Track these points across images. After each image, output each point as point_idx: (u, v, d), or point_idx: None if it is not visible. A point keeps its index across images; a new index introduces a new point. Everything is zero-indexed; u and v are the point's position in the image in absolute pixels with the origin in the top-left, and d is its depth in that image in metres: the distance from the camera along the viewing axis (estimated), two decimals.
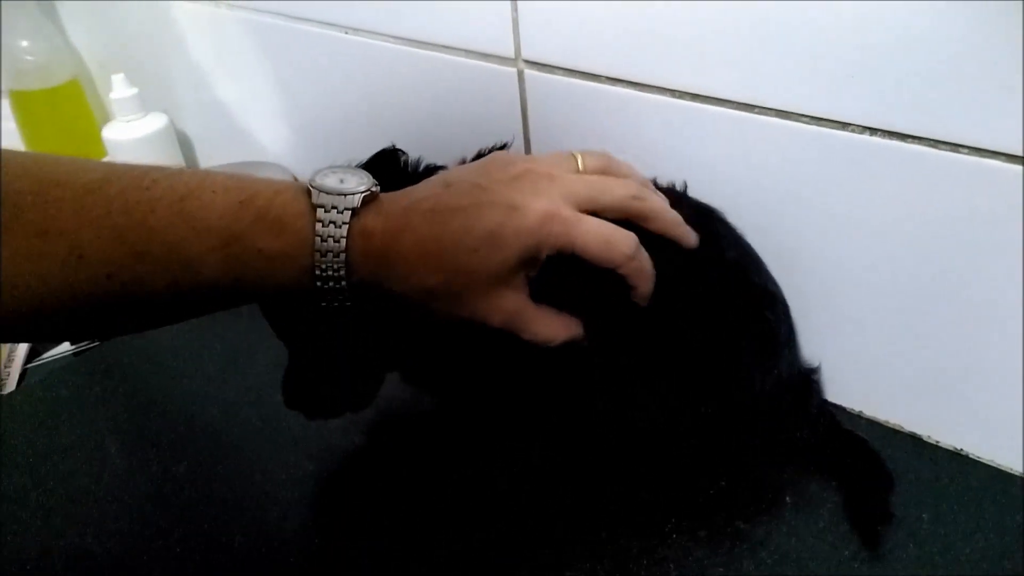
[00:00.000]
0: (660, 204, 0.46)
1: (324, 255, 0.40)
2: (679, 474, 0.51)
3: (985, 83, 0.42)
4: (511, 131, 0.63)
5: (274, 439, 0.59)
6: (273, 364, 0.67)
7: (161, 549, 0.51)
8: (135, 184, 0.41)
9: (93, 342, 0.77)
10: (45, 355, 0.76)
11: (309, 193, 0.41)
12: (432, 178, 0.45)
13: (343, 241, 0.40)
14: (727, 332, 0.47)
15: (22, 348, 0.76)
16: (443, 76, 0.66)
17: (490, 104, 0.64)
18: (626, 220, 0.44)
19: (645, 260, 0.43)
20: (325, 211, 0.40)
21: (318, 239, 0.40)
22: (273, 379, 0.65)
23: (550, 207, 0.41)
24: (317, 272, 0.40)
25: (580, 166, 0.46)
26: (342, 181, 0.42)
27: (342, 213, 0.40)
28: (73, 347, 0.77)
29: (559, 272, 0.42)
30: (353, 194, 0.41)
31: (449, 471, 0.54)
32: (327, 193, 0.41)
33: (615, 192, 0.44)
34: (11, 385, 0.73)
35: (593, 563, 0.47)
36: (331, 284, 0.41)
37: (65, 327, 0.44)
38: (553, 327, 0.44)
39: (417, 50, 0.66)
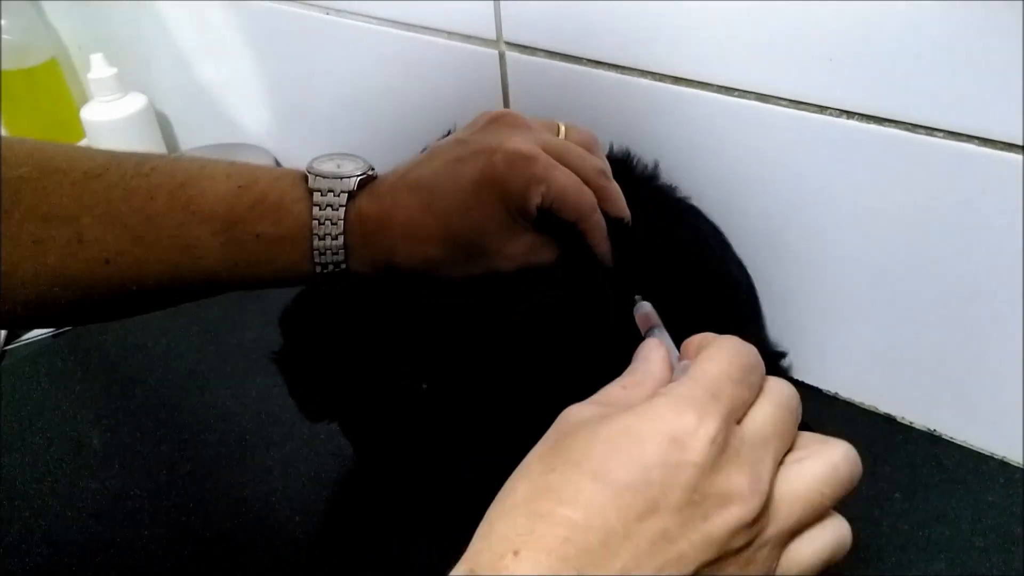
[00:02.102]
0: (619, 191, 0.45)
1: (322, 238, 0.41)
2: None
3: (961, 67, 0.43)
4: None
5: (254, 419, 0.60)
6: (253, 344, 0.67)
7: (139, 530, 0.51)
8: (135, 171, 0.41)
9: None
10: (24, 337, 0.76)
11: (307, 179, 0.41)
12: (420, 155, 0.44)
13: (340, 224, 0.41)
14: (681, 313, 0.47)
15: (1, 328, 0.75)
16: (425, 57, 0.66)
17: (471, 86, 0.64)
18: None
19: (601, 218, 0.42)
20: (322, 195, 0.41)
21: (315, 223, 0.41)
22: (253, 359, 0.65)
23: (528, 148, 0.40)
24: (316, 255, 0.41)
25: (561, 134, 0.45)
26: (339, 166, 0.42)
27: (339, 196, 0.41)
28: (51, 329, 0.77)
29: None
30: (349, 177, 0.41)
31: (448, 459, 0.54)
32: (324, 178, 0.41)
33: (586, 161, 0.43)
34: None
35: None
36: (330, 267, 0.41)
37: (65, 312, 0.44)
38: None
39: (399, 31, 0.66)
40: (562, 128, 0.46)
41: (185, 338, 0.69)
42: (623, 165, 0.53)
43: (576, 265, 0.43)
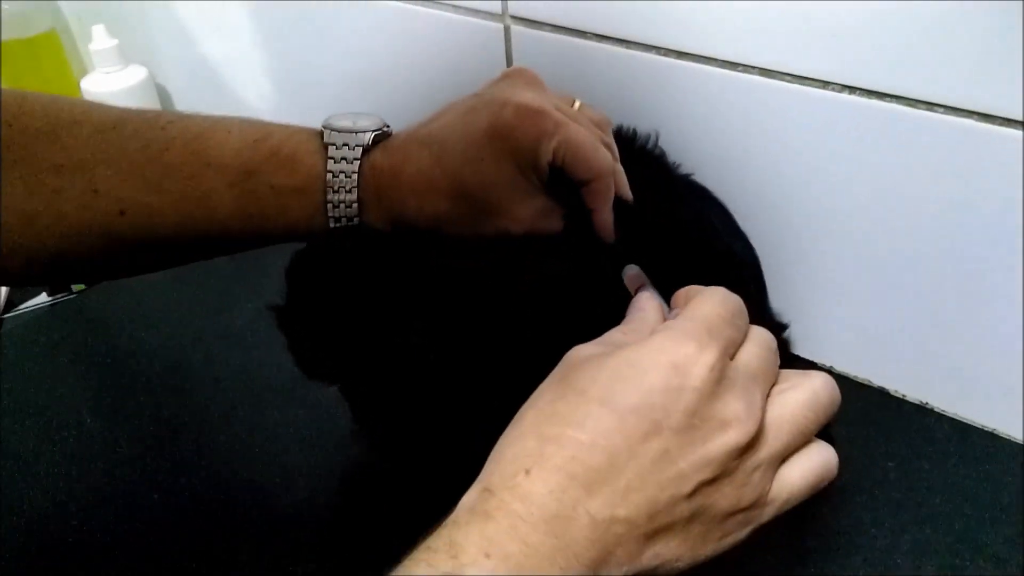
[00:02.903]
0: (623, 174, 0.45)
1: (336, 191, 0.41)
2: None
3: (961, 44, 0.43)
4: None
5: (254, 388, 0.60)
6: (254, 314, 0.68)
7: (137, 498, 0.52)
8: (150, 124, 0.42)
9: (69, 292, 0.77)
10: (22, 305, 0.76)
11: (322, 134, 0.42)
12: (435, 112, 0.44)
13: (355, 177, 0.41)
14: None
15: None
16: (429, 31, 0.66)
17: (476, 60, 0.64)
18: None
19: (611, 186, 0.42)
20: (336, 148, 0.41)
21: (330, 175, 0.41)
22: (254, 328, 0.66)
23: (540, 103, 0.40)
24: (330, 208, 0.41)
25: (576, 108, 0.45)
26: (354, 123, 0.42)
27: (353, 150, 0.41)
28: (50, 298, 0.77)
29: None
30: (364, 132, 0.41)
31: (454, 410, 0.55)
32: (339, 132, 0.41)
33: (595, 134, 0.42)
34: None
35: None
36: (343, 221, 0.41)
37: (81, 266, 0.44)
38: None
39: (403, 4, 0.66)
40: (576, 103, 0.46)
41: (187, 306, 0.70)
42: (628, 145, 0.53)
43: (583, 239, 0.43)
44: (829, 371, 0.59)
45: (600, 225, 0.42)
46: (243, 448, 0.55)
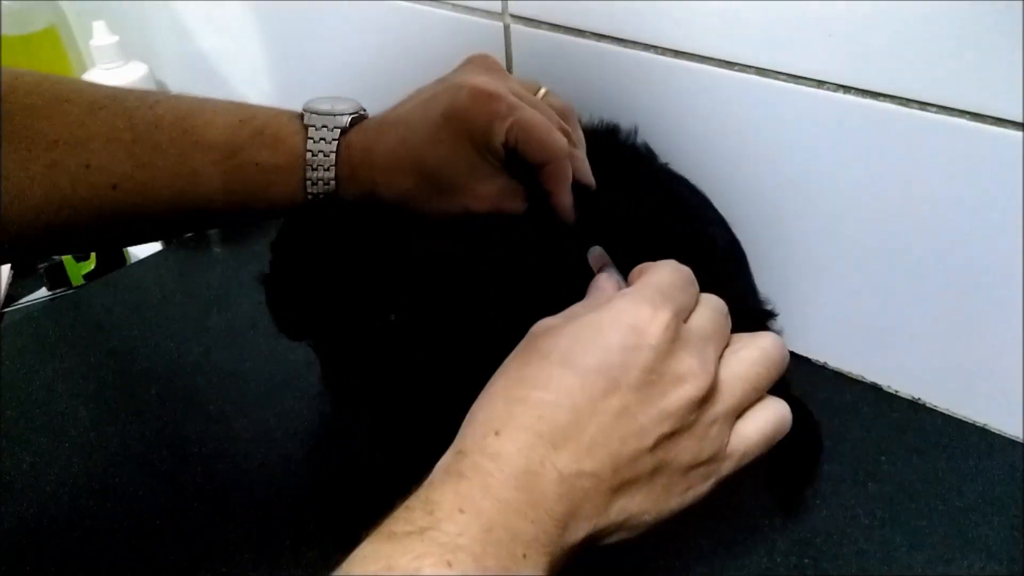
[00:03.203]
0: (584, 160, 0.46)
1: (315, 169, 0.44)
2: None
3: (954, 44, 0.44)
4: None
5: (254, 382, 0.60)
6: (253, 310, 0.68)
7: (136, 492, 0.52)
8: (140, 104, 0.44)
9: (69, 287, 0.77)
10: (21, 300, 0.77)
11: (302, 116, 0.45)
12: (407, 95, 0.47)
13: (332, 156, 0.44)
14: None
15: None
16: (429, 29, 0.67)
17: None
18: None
19: (568, 168, 0.43)
20: (316, 129, 0.44)
21: (309, 154, 0.44)
22: (253, 323, 0.66)
23: (494, 87, 0.42)
24: (308, 184, 0.44)
25: (539, 95, 0.46)
26: (332, 106, 0.45)
27: (331, 131, 0.44)
28: (50, 292, 0.77)
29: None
30: (342, 115, 0.44)
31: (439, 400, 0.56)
32: (318, 115, 0.44)
33: (554, 120, 0.44)
34: None
35: None
36: (321, 197, 0.44)
37: (72, 237, 0.46)
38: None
39: (403, 2, 0.67)
40: (541, 90, 0.47)
41: (186, 301, 0.70)
42: (609, 137, 0.54)
43: (549, 222, 0.45)
44: (823, 367, 0.60)
45: (558, 207, 0.44)
46: (243, 442, 0.55)
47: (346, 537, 0.47)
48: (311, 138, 0.44)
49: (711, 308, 0.36)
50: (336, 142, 0.44)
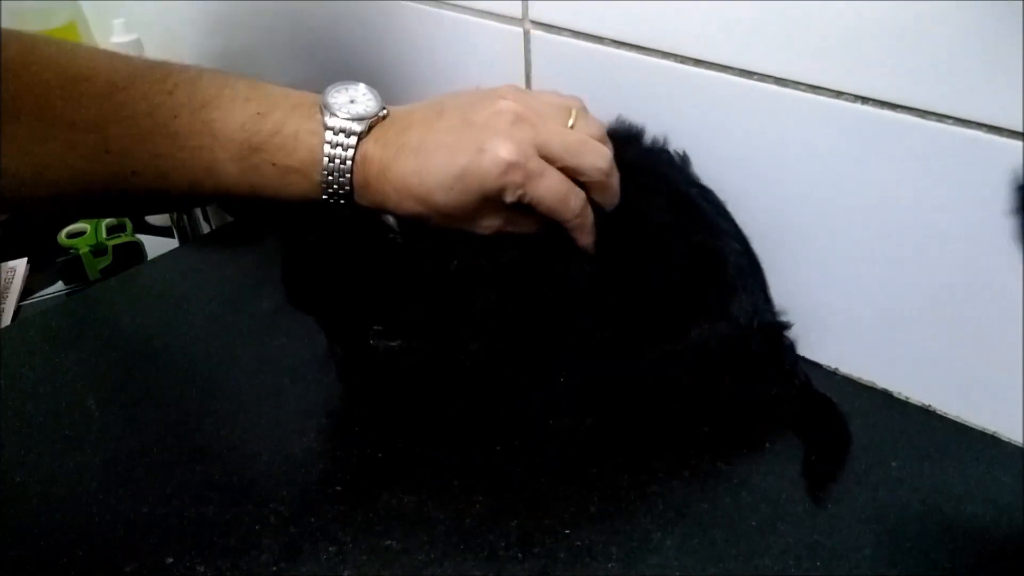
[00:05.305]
0: (616, 186, 0.49)
1: (331, 174, 0.45)
2: (658, 416, 0.55)
3: (972, 57, 0.45)
4: None
5: (271, 377, 0.61)
6: (272, 305, 0.68)
7: (151, 486, 0.52)
8: (158, 87, 0.44)
9: (86, 283, 0.78)
10: (39, 293, 0.77)
11: (322, 111, 0.45)
12: (434, 101, 0.49)
13: (349, 163, 0.45)
14: (665, 282, 0.51)
15: (16, 285, 0.77)
16: (449, 34, 0.67)
17: (494, 64, 0.66)
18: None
19: (589, 217, 0.47)
20: (334, 133, 0.45)
21: (326, 160, 0.45)
22: (272, 319, 0.66)
23: (515, 156, 0.43)
24: (324, 188, 0.45)
25: (571, 120, 0.48)
26: (352, 101, 0.46)
27: (349, 137, 0.45)
28: (67, 287, 0.78)
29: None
30: (362, 119, 0.45)
31: (445, 405, 0.56)
32: (338, 118, 0.45)
33: (586, 160, 0.46)
34: (6, 320, 0.73)
35: (584, 495, 0.50)
36: (336, 200, 0.46)
37: (88, 209, 0.51)
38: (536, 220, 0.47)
39: (423, 6, 0.68)
40: (573, 113, 0.48)
41: (205, 297, 0.70)
42: (631, 142, 0.56)
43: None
44: (834, 373, 0.60)
45: (579, 244, 0.48)
46: (259, 437, 0.55)
47: (364, 532, 0.48)
48: (328, 143, 0.45)
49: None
50: (353, 149, 0.45)
